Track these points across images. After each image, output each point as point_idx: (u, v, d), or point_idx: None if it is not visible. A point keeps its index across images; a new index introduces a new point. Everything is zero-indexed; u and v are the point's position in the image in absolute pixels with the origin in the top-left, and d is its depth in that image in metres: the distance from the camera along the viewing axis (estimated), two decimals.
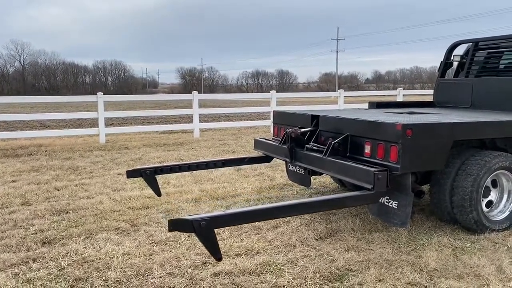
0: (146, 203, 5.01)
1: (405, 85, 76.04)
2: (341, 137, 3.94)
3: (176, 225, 2.73)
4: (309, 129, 4.39)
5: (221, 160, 5.04)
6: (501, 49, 5.62)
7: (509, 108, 5.09)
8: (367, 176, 3.38)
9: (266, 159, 5.12)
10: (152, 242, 3.82)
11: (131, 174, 4.58)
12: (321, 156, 3.91)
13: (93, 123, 13.93)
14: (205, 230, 2.71)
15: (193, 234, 3.94)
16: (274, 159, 4.99)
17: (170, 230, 2.75)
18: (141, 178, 6.47)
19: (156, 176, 4.68)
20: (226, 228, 4.13)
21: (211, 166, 4.91)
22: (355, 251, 3.57)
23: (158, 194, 4.77)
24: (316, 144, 4.20)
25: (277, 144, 4.62)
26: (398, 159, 3.43)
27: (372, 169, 3.36)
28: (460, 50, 6.02)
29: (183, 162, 4.92)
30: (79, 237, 3.96)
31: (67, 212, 4.74)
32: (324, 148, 3.93)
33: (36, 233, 4.06)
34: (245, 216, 2.97)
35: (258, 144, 5.10)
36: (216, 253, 2.78)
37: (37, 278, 3.15)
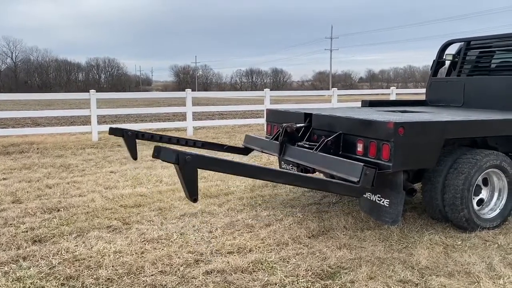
0: (138, 201, 4.99)
1: (399, 84, 76.42)
2: (333, 135, 3.95)
3: (161, 152, 2.68)
4: (304, 124, 4.40)
5: (201, 141, 5.06)
6: (492, 49, 5.66)
7: (500, 107, 5.13)
8: (355, 169, 3.41)
9: (244, 151, 5.12)
10: (144, 240, 3.80)
11: (114, 131, 4.48)
12: (311, 151, 3.92)
13: (86, 120, 13.84)
14: (188, 166, 2.66)
15: (184, 230, 3.96)
16: (252, 153, 5.06)
17: (153, 156, 2.69)
18: (132, 176, 6.45)
19: (136, 140, 4.61)
20: (219, 225, 4.13)
21: (191, 144, 4.96)
22: (347, 249, 3.58)
23: (134, 157, 4.66)
24: (308, 142, 4.21)
25: (268, 140, 4.64)
26: (390, 157, 3.44)
27: (361, 164, 3.39)
28: (452, 49, 6.05)
29: (165, 134, 4.85)
30: (70, 235, 3.93)
31: (58, 210, 4.70)
32: (316, 146, 3.95)
33: (26, 231, 4.03)
34: (229, 166, 2.95)
35: (248, 139, 5.08)
36: (193, 193, 2.73)
37: (27, 277, 3.12)
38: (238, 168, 3.00)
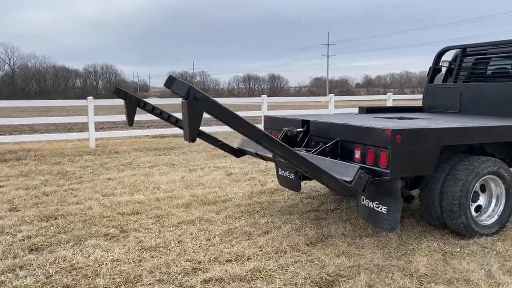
0: (136, 209, 4.97)
1: (395, 90, 76.73)
2: (331, 142, 3.96)
3: (174, 83, 2.62)
4: (303, 129, 4.41)
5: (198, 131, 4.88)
6: (488, 55, 5.70)
7: (497, 113, 5.15)
8: (350, 170, 3.40)
9: (236, 152, 5.01)
10: (142, 248, 3.78)
11: (118, 92, 4.38)
12: (307, 153, 3.91)
13: (83, 127, 13.82)
14: (196, 104, 2.61)
15: (182, 238, 3.94)
16: (250, 159, 4.94)
17: (165, 85, 2.65)
18: (129, 183, 6.43)
19: (137, 108, 4.48)
20: (217, 233, 4.12)
21: None
22: (345, 256, 3.57)
23: (130, 123, 4.54)
24: (305, 148, 4.21)
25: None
26: (388, 164, 3.44)
27: (358, 165, 3.40)
28: (448, 56, 6.09)
29: (166, 111, 4.75)
30: (67, 244, 3.91)
31: (55, 218, 4.68)
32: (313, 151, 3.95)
33: (23, 240, 4.00)
34: (235, 120, 2.90)
35: (243, 142, 5.05)
36: (192, 133, 2.68)
37: (23, 286, 3.10)
38: (243, 124, 2.89)
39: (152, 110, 4.60)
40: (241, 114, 14.37)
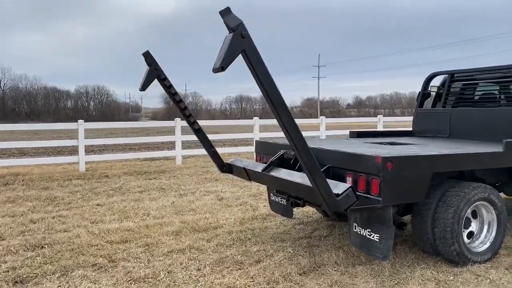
0: (125, 237, 4.87)
1: (386, 110, 77.66)
2: (322, 169, 3.93)
3: (228, 16, 2.70)
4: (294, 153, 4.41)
5: (199, 126, 4.83)
6: (475, 81, 5.80)
7: (485, 137, 5.20)
8: (342, 186, 3.34)
9: (223, 167, 4.93)
10: (130, 280, 3.69)
11: (147, 56, 4.34)
12: (298, 172, 3.87)
13: (73, 150, 13.68)
14: (240, 40, 2.69)
15: (172, 268, 3.83)
16: (243, 182, 4.92)
17: (220, 12, 2.67)
18: (119, 209, 6.31)
19: (155, 78, 4.42)
20: (207, 262, 4.04)
21: (191, 121, 4.74)
22: (338, 286, 3.51)
23: (143, 88, 4.45)
24: (297, 172, 4.19)
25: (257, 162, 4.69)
26: (380, 192, 3.43)
27: (350, 185, 3.36)
28: (437, 81, 6.18)
29: (180, 95, 4.69)
30: (53, 275, 3.80)
31: (42, 247, 4.56)
32: None
33: (7, 271, 3.88)
34: (264, 75, 2.89)
35: (234, 160, 5.02)
36: (225, 63, 2.68)
37: None
38: (270, 84, 2.91)
39: (169, 88, 4.57)
40: (234, 136, 14.41)
